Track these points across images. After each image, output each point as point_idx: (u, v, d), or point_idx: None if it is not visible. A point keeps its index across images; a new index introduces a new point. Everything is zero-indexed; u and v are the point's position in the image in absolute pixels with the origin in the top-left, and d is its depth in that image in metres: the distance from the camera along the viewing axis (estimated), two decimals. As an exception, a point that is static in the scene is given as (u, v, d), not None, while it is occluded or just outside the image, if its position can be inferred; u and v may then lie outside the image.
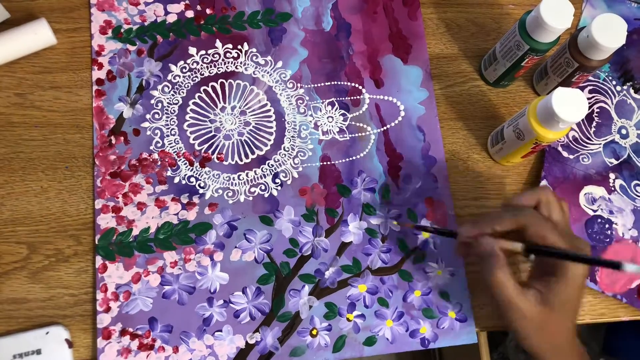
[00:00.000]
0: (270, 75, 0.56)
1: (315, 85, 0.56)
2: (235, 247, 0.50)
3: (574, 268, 0.38)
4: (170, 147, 0.53)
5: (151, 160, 0.52)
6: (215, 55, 0.56)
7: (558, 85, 0.55)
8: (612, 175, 0.56)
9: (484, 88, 0.59)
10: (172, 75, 0.55)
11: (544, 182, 0.54)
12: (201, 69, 0.55)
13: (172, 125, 0.53)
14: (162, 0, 0.57)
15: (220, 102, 0.54)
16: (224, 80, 0.55)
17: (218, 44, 0.56)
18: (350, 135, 0.55)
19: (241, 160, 0.53)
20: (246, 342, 0.48)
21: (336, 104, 0.56)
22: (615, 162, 0.57)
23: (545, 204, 0.41)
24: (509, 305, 0.39)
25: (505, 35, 0.53)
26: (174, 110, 0.54)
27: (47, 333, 0.46)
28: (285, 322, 0.49)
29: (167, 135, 0.53)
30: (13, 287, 0.48)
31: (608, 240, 0.53)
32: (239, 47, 0.56)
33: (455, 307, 0.51)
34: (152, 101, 0.53)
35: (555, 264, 0.39)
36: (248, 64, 0.56)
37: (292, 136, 0.54)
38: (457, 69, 0.59)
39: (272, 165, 0.53)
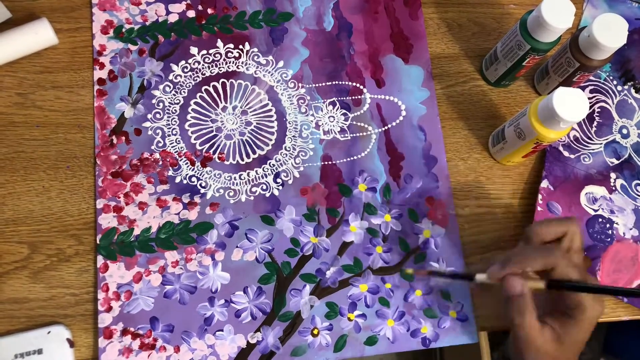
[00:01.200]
0: (271, 75, 0.56)
1: (317, 85, 0.56)
2: (237, 246, 0.50)
3: (591, 310, 0.38)
4: (172, 146, 0.53)
5: (152, 160, 0.52)
6: (217, 55, 0.56)
7: (559, 85, 0.55)
8: (613, 175, 0.56)
9: (485, 88, 0.59)
10: (173, 75, 0.55)
11: (544, 182, 0.54)
12: (202, 68, 0.55)
13: (174, 124, 0.53)
14: (164, 0, 0.57)
15: (221, 102, 0.55)
16: (225, 80, 0.55)
17: (219, 43, 0.56)
18: (351, 135, 0.55)
19: (242, 160, 0.53)
20: (247, 342, 0.48)
21: (337, 103, 0.56)
22: (616, 162, 0.57)
23: (570, 236, 0.42)
24: (528, 343, 0.39)
25: (506, 35, 0.53)
26: (175, 110, 0.54)
27: (48, 333, 0.46)
28: (286, 321, 0.49)
29: (169, 135, 0.53)
30: (14, 286, 0.48)
31: (609, 240, 0.53)
32: (241, 46, 0.56)
33: (456, 307, 0.51)
34: (154, 101, 0.54)
35: (573, 306, 0.39)
36: (249, 64, 0.56)
37: (294, 136, 0.54)
38: (458, 69, 0.59)
39: (274, 165, 0.53)
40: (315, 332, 0.49)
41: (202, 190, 0.52)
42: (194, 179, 0.52)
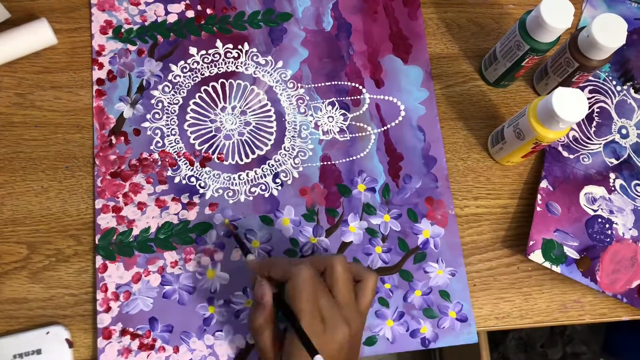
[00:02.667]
0: (270, 75, 0.56)
1: (316, 85, 0.56)
2: (236, 247, 0.50)
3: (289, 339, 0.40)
4: (171, 147, 0.53)
5: (151, 160, 0.52)
6: (216, 55, 0.56)
7: (558, 85, 0.55)
8: (612, 175, 0.56)
9: (484, 88, 0.59)
10: (172, 75, 0.55)
11: (544, 182, 0.54)
12: (202, 68, 0.55)
13: (173, 125, 0.53)
14: (163, 0, 0.57)
15: (220, 102, 0.55)
16: (224, 80, 0.55)
17: (218, 43, 0.56)
18: (350, 135, 0.55)
19: (241, 160, 0.53)
20: (246, 342, 0.48)
21: (336, 103, 0.56)
22: (616, 162, 0.57)
23: (328, 275, 0.42)
24: (264, 354, 0.42)
25: (505, 35, 0.53)
26: (174, 110, 0.54)
27: (47, 333, 0.46)
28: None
29: (168, 135, 0.53)
30: (13, 287, 0.48)
31: (608, 240, 0.53)
32: (240, 47, 0.56)
33: (456, 307, 0.51)
34: (153, 101, 0.54)
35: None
36: (248, 64, 0.56)
37: (293, 136, 0.54)
38: (458, 69, 0.59)
39: (273, 165, 0.53)
40: (314, 332, 0.49)
41: (201, 191, 0.52)
42: (193, 179, 0.52)
